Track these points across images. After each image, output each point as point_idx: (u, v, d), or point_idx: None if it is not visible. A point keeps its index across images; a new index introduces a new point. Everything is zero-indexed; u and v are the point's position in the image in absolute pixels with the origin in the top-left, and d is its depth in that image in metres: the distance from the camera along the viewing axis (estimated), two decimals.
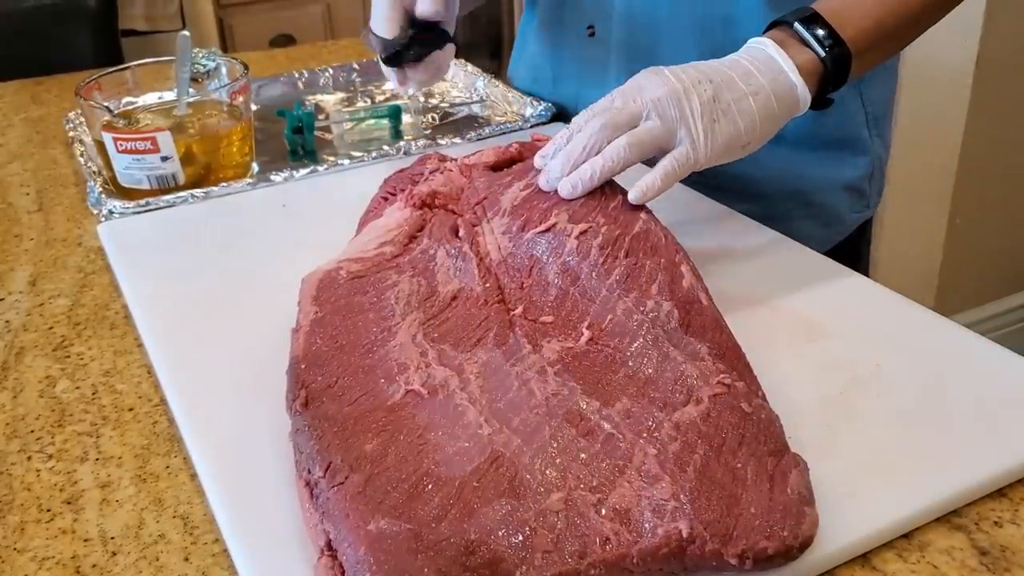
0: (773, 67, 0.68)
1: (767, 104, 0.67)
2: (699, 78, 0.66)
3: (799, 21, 0.69)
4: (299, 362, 0.56)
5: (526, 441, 0.50)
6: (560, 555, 0.44)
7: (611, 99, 0.68)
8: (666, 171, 0.66)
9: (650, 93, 0.66)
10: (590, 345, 0.57)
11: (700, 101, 0.65)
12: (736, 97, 0.66)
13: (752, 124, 0.67)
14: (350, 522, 0.45)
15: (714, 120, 0.66)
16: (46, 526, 0.52)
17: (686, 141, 0.65)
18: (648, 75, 0.67)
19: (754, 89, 0.67)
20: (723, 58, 0.69)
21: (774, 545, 0.45)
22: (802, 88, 0.68)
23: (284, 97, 1.16)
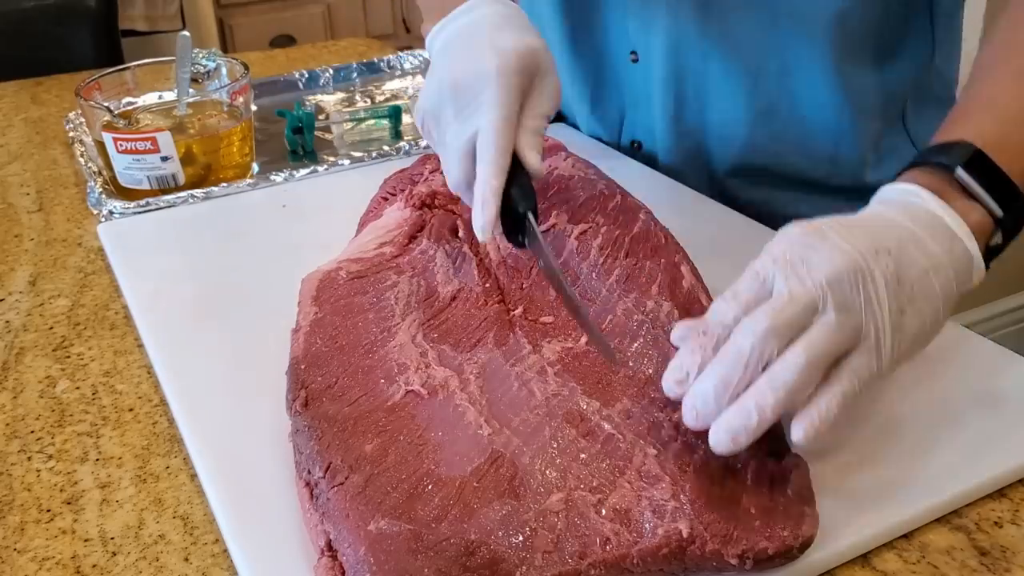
0: (944, 231, 0.50)
1: (948, 285, 0.49)
2: (874, 246, 0.47)
3: (963, 165, 0.52)
4: (299, 362, 0.56)
5: (526, 441, 0.50)
6: (560, 555, 0.44)
7: (765, 275, 0.47)
8: (845, 394, 0.46)
9: (824, 270, 0.46)
10: (590, 345, 0.57)
11: (885, 282, 0.47)
12: (917, 276, 0.48)
13: (936, 314, 0.49)
14: (350, 522, 0.45)
15: (901, 312, 0.47)
16: (46, 526, 0.52)
17: (871, 347, 0.46)
18: (807, 237, 0.48)
19: (934, 264, 0.49)
20: (868, 212, 0.52)
21: (774, 545, 0.45)
22: (978, 259, 0.51)
23: (284, 97, 1.16)
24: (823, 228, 0.48)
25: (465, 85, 0.60)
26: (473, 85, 0.60)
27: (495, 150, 0.58)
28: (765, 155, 0.85)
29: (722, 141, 0.86)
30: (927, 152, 0.54)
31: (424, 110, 0.65)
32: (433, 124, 0.64)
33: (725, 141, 0.86)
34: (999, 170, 0.52)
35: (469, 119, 0.60)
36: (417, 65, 1.25)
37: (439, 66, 0.64)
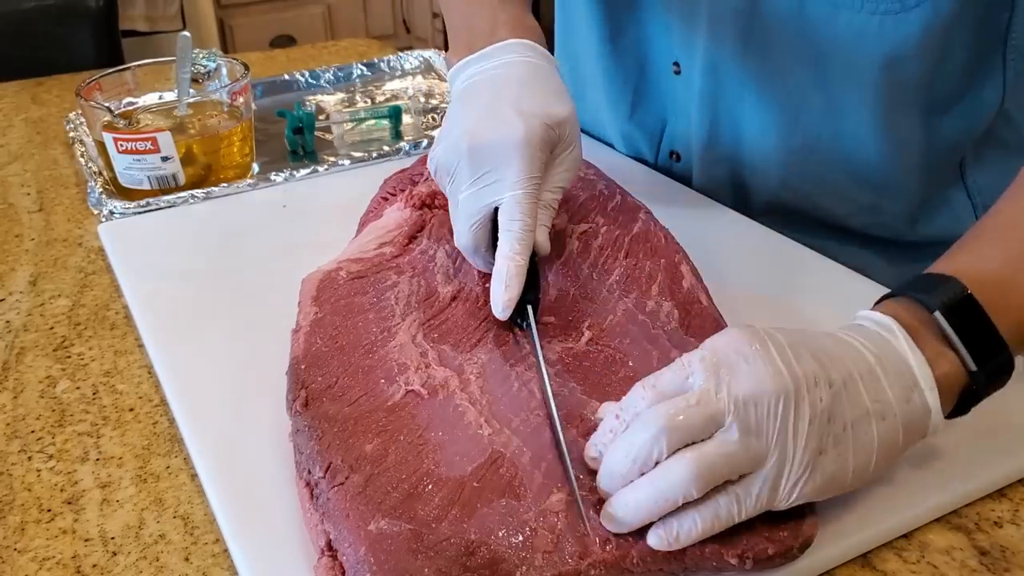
0: (905, 377, 0.46)
1: (891, 436, 0.46)
2: (816, 375, 0.44)
3: (943, 309, 0.47)
4: (299, 362, 0.56)
5: (526, 442, 0.50)
6: (560, 555, 0.44)
7: (685, 373, 0.45)
8: (718, 518, 0.44)
9: (744, 386, 0.43)
10: (590, 345, 0.57)
11: (811, 416, 0.43)
12: (856, 418, 0.45)
13: (866, 464, 0.45)
14: (350, 522, 0.45)
15: (820, 451, 0.44)
16: (47, 526, 0.52)
17: (767, 477, 0.43)
18: (747, 346, 0.45)
19: (880, 409, 0.45)
20: (838, 337, 0.47)
21: (774, 546, 0.45)
22: (936, 413, 0.47)
23: (284, 97, 1.16)
24: (770, 340, 0.45)
25: (486, 151, 0.58)
26: (496, 153, 0.58)
27: (522, 229, 0.57)
28: (800, 195, 0.80)
29: (755, 173, 0.81)
30: (913, 282, 0.50)
31: (439, 163, 0.62)
32: (446, 179, 0.62)
33: (759, 174, 0.81)
34: (985, 317, 0.47)
35: (489, 187, 0.59)
36: (417, 65, 1.26)
37: (460, 116, 0.61)
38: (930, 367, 0.46)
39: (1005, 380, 0.49)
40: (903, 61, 0.67)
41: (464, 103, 0.63)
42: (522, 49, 0.63)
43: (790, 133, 0.76)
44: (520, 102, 0.59)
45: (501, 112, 0.58)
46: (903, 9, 0.64)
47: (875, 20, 0.65)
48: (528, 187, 0.58)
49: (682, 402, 0.44)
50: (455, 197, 0.61)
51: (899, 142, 0.73)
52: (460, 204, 0.60)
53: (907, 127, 0.72)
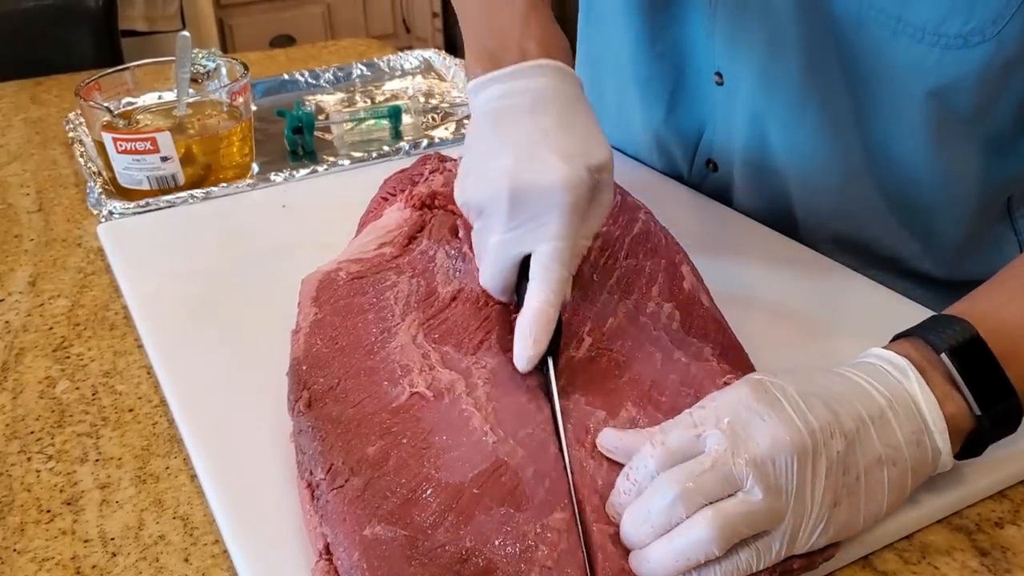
0: (914, 419, 0.46)
1: (901, 480, 0.46)
2: (831, 425, 0.44)
3: (950, 352, 0.47)
4: (300, 363, 0.56)
5: (532, 455, 0.49)
6: (560, 573, 0.43)
7: (696, 431, 0.45)
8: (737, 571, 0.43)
9: (763, 447, 0.43)
10: (591, 351, 0.56)
11: (827, 468, 0.43)
12: (868, 465, 0.45)
13: (877, 509, 0.46)
14: (347, 526, 0.45)
15: (835, 504, 0.44)
16: (46, 527, 0.52)
17: (786, 533, 0.43)
18: (759, 403, 0.44)
19: (891, 455, 0.45)
20: (847, 378, 0.48)
21: (800, 561, 0.45)
22: (946, 456, 0.47)
23: (284, 97, 1.16)
24: (781, 395, 0.45)
25: (528, 197, 0.55)
26: (538, 201, 0.55)
27: (558, 281, 0.55)
28: (848, 222, 0.77)
29: (803, 195, 0.78)
30: (926, 323, 0.50)
31: (472, 200, 0.58)
32: (476, 216, 0.59)
33: (807, 197, 0.78)
34: (993, 361, 0.47)
35: (527, 234, 0.56)
36: (417, 65, 1.25)
37: (494, 149, 0.58)
38: (939, 407, 0.46)
39: (1014, 426, 0.48)
40: (957, 94, 0.65)
41: (496, 131, 0.58)
42: (556, 74, 0.60)
43: (841, 157, 0.73)
44: (563, 145, 0.56)
45: (543, 156, 0.55)
46: (966, 45, 0.61)
47: (935, 52, 0.62)
48: (568, 243, 0.55)
49: (697, 466, 0.43)
50: (486, 237, 0.58)
51: (949, 175, 0.70)
52: (492, 246, 0.57)
53: (959, 161, 0.70)
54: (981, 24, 0.60)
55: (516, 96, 0.59)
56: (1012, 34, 0.60)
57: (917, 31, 0.62)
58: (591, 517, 0.46)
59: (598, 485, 0.47)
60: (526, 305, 0.55)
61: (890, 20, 0.63)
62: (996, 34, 0.60)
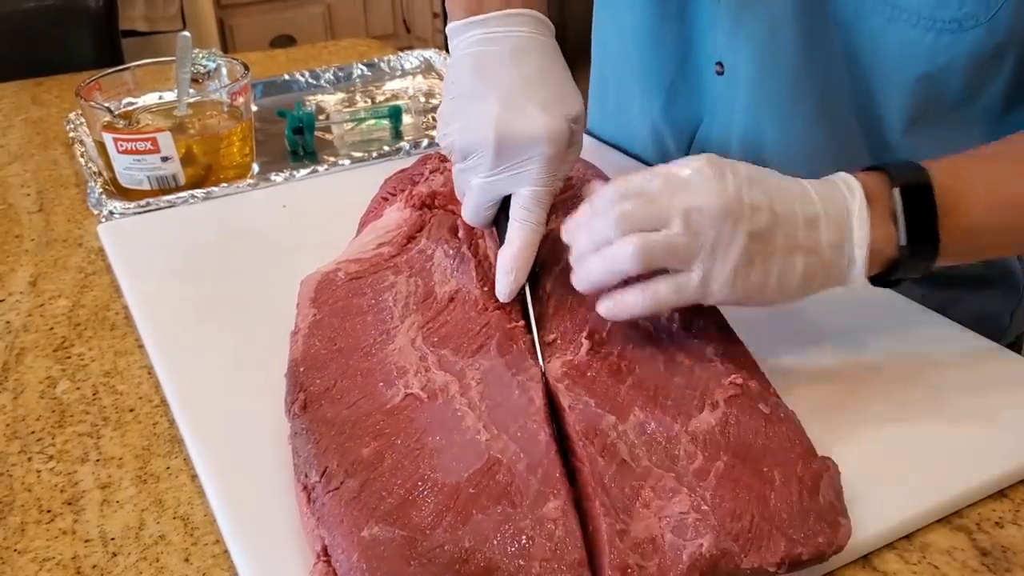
0: (842, 229, 0.54)
1: (813, 272, 0.54)
2: (762, 202, 0.53)
3: (903, 188, 0.54)
4: (298, 365, 0.56)
5: (523, 447, 0.49)
6: (560, 563, 0.43)
7: (648, 180, 0.54)
8: (656, 297, 0.54)
9: (693, 197, 0.52)
10: (590, 355, 0.56)
11: (746, 233, 0.52)
12: (788, 247, 0.53)
13: (785, 286, 0.54)
14: (344, 528, 0.45)
15: (750, 262, 0.53)
16: (47, 527, 0.52)
17: (698, 272, 0.53)
18: (703, 169, 0.53)
19: (810, 246, 0.53)
20: (799, 182, 0.55)
21: (809, 551, 0.45)
22: (860, 269, 0.54)
23: (284, 97, 1.16)
24: (729, 170, 0.53)
25: (513, 145, 0.60)
26: (523, 149, 0.60)
27: (537, 221, 0.61)
28: None
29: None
30: (897, 163, 0.56)
31: (458, 144, 0.63)
32: (460, 158, 0.63)
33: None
34: (933, 207, 0.54)
35: (509, 178, 0.61)
36: (417, 65, 1.25)
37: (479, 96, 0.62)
38: (868, 228, 0.53)
39: (927, 266, 0.56)
40: (947, 78, 0.67)
41: (479, 77, 0.63)
42: (536, 24, 0.64)
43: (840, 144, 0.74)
44: (543, 96, 0.61)
45: (526, 106, 0.61)
46: (960, 29, 0.63)
47: (929, 36, 0.64)
48: (548, 184, 0.61)
49: (638, 201, 0.53)
50: (469, 177, 0.63)
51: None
52: (476, 187, 0.63)
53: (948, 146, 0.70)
54: (975, 9, 0.62)
55: (498, 43, 0.63)
56: (1003, 20, 0.62)
57: (912, 16, 0.64)
58: (600, 511, 0.46)
59: (605, 482, 0.48)
60: (508, 243, 0.61)
61: (885, 7, 0.65)
62: (988, 19, 0.62)
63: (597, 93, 0.98)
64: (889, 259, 0.55)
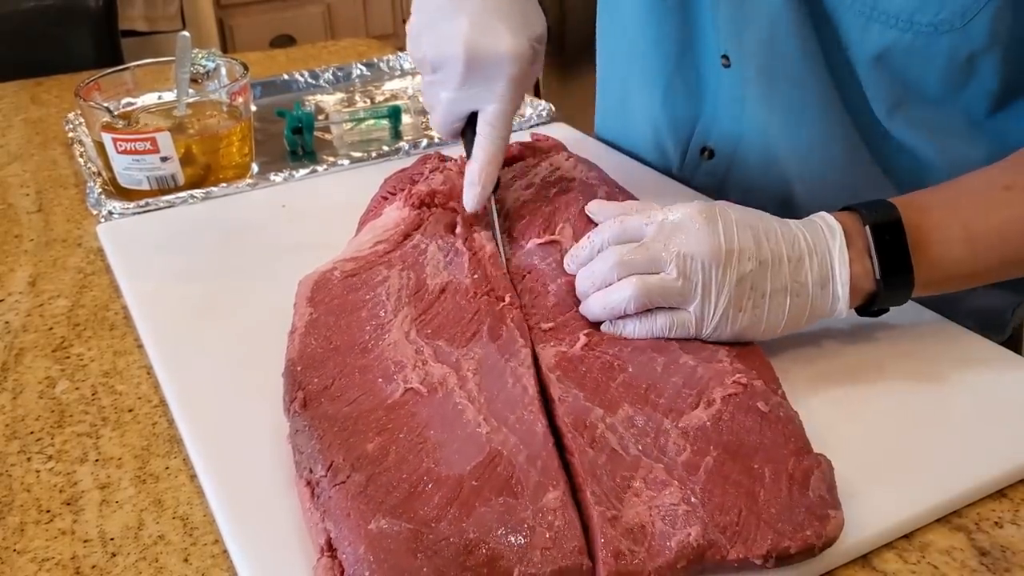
0: (826, 271, 0.57)
1: (800, 310, 0.57)
2: (750, 248, 0.56)
3: (874, 226, 0.58)
4: (295, 364, 0.56)
5: (522, 439, 0.50)
6: (560, 551, 0.44)
7: (644, 223, 0.58)
8: (653, 330, 0.57)
9: (685, 244, 0.56)
10: (585, 351, 0.57)
11: (736, 279, 0.56)
12: (775, 290, 0.56)
13: (775, 324, 0.58)
14: (351, 521, 0.45)
15: (739, 309, 0.56)
16: (46, 527, 0.52)
17: (694, 313, 0.57)
18: (696, 215, 0.57)
19: (797, 289, 0.57)
20: (786, 224, 0.59)
21: (797, 545, 0.45)
22: (844, 304, 0.58)
23: (284, 97, 1.16)
24: (719, 214, 0.57)
25: (481, 63, 0.65)
26: (489, 66, 0.65)
27: (500, 137, 0.67)
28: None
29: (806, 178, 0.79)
30: (869, 203, 0.60)
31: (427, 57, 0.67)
32: (429, 71, 0.68)
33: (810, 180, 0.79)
34: (904, 243, 0.58)
35: (476, 94, 0.66)
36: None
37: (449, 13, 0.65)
38: (848, 265, 0.57)
39: (904, 297, 0.59)
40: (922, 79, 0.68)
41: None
42: None
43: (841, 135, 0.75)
44: (510, 16, 0.65)
45: (494, 26, 0.65)
46: (935, 32, 0.65)
47: (907, 37, 0.66)
48: (512, 100, 0.66)
49: (635, 246, 0.58)
50: (438, 91, 0.68)
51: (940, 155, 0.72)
52: (444, 101, 0.68)
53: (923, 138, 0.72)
54: (950, 16, 0.64)
55: None
56: (979, 28, 0.64)
57: (891, 18, 0.66)
58: (591, 500, 0.46)
59: (596, 472, 0.48)
60: (474, 158, 0.67)
61: (865, 7, 0.67)
62: (963, 25, 0.64)
63: (601, 90, 0.99)
64: (868, 292, 0.59)
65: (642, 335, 0.58)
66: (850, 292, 0.57)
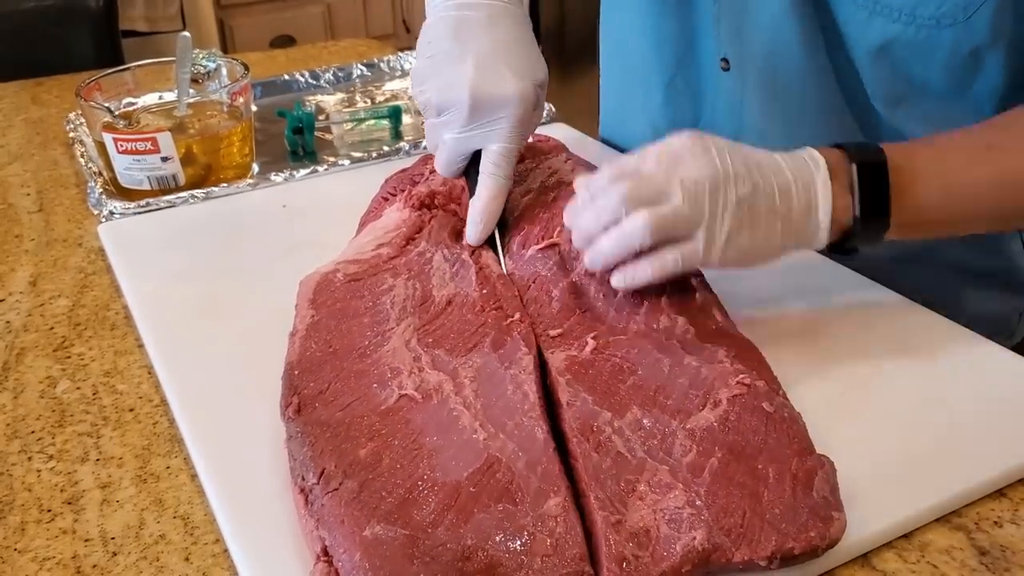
0: (811, 198, 0.59)
1: (787, 235, 0.59)
2: (743, 172, 0.57)
3: (860, 164, 0.59)
4: (293, 367, 0.56)
5: (521, 446, 0.49)
6: (561, 558, 0.44)
7: (641, 160, 0.59)
8: (664, 266, 0.58)
9: (687, 171, 0.57)
10: (595, 354, 0.56)
11: (736, 198, 0.57)
12: (767, 212, 0.58)
13: (767, 248, 0.59)
14: (345, 528, 0.45)
15: (740, 226, 0.57)
16: (47, 526, 0.52)
17: (701, 238, 0.57)
18: (690, 144, 0.58)
19: (784, 213, 0.58)
20: (770, 154, 0.60)
21: (801, 546, 0.45)
22: (824, 233, 0.60)
23: (284, 98, 1.16)
24: (711, 142, 0.58)
25: (486, 105, 0.66)
26: (494, 108, 0.67)
27: (505, 176, 0.68)
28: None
29: None
30: (859, 143, 0.62)
31: (433, 102, 0.69)
32: (434, 114, 0.69)
33: None
34: (886, 185, 0.59)
35: (480, 135, 0.68)
36: None
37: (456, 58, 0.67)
38: (831, 199, 0.59)
39: (877, 237, 0.61)
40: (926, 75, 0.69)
41: (455, 39, 0.68)
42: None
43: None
44: (515, 62, 0.68)
45: (500, 70, 0.67)
46: (938, 26, 0.66)
47: (910, 30, 0.67)
48: (516, 141, 0.68)
49: (637, 178, 0.58)
50: (442, 132, 0.70)
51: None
52: (449, 141, 0.69)
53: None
54: (952, 9, 0.65)
55: (475, 9, 0.69)
56: (981, 22, 0.64)
57: (894, 12, 0.67)
58: (595, 505, 0.46)
59: (600, 476, 0.48)
60: (478, 196, 0.68)
61: (868, 2, 0.68)
62: (966, 19, 0.65)
63: (604, 93, 0.99)
64: (845, 227, 0.60)
65: (656, 276, 0.58)
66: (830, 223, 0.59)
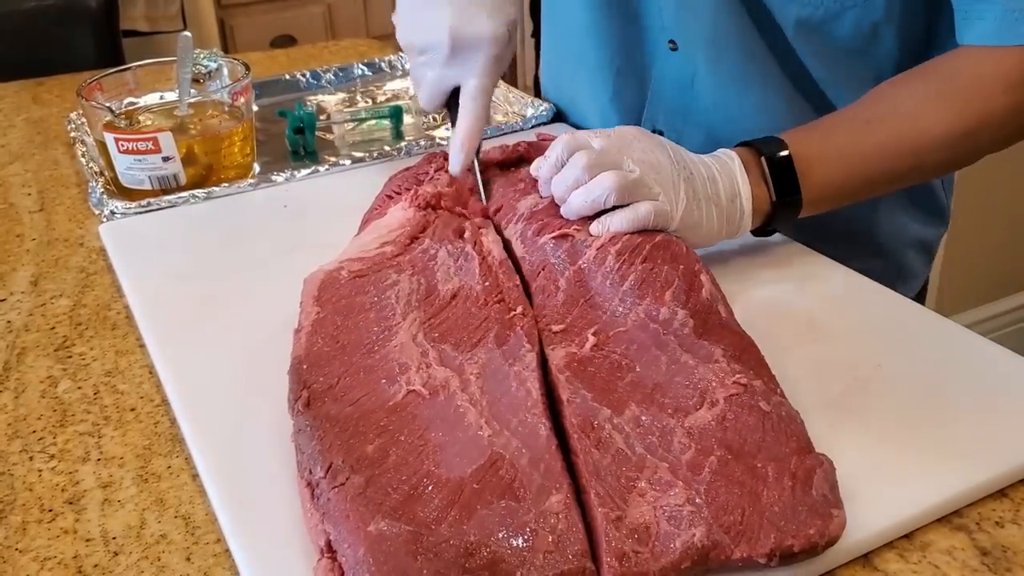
0: (735, 188, 0.67)
1: (720, 221, 0.67)
2: (682, 162, 0.66)
3: (768, 157, 0.68)
4: (301, 362, 0.56)
5: (525, 442, 0.50)
6: (562, 554, 0.44)
7: (592, 137, 0.66)
8: (637, 216, 0.64)
9: (639, 152, 0.65)
10: (595, 351, 0.56)
11: (682, 178, 0.65)
12: (704, 196, 0.66)
13: (708, 229, 0.67)
14: (350, 523, 0.45)
15: (689, 200, 0.65)
16: (48, 526, 0.52)
17: (663, 200, 0.64)
18: (637, 132, 0.67)
19: (716, 200, 0.67)
20: (696, 155, 0.68)
21: (800, 544, 0.45)
22: (748, 219, 0.68)
23: (285, 97, 1.16)
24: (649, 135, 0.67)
25: (464, 44, 0.75)
26: (471, 46, 0.75)
27: (482, 107, 0.76)
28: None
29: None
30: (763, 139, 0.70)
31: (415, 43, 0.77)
32: (415, 54, 0.78)
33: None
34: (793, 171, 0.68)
35: (459, 71, 0.76)
36: None
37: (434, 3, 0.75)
38: (750, 187, 0.68)
39: (794, 216, 0.70)
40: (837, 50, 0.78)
41: None
42: None
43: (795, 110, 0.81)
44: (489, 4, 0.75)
45: (475, 12, 0.75)
46: (842, 8, 0.75)
47: (819, 13, 0.76)
48: (491, 76, 0.76)
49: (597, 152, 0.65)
50: (424, 70, 0.78)
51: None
52: (431, 78, 0.78)
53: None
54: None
55: None
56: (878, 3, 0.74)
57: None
58: (595, 501, 0.46)
59: (600, 473, 0.48)
60: (459, 126, 0.76)
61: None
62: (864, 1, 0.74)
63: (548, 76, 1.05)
64: (765, 213, 0.69)
65: (628, 227, 0.63)
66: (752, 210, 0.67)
